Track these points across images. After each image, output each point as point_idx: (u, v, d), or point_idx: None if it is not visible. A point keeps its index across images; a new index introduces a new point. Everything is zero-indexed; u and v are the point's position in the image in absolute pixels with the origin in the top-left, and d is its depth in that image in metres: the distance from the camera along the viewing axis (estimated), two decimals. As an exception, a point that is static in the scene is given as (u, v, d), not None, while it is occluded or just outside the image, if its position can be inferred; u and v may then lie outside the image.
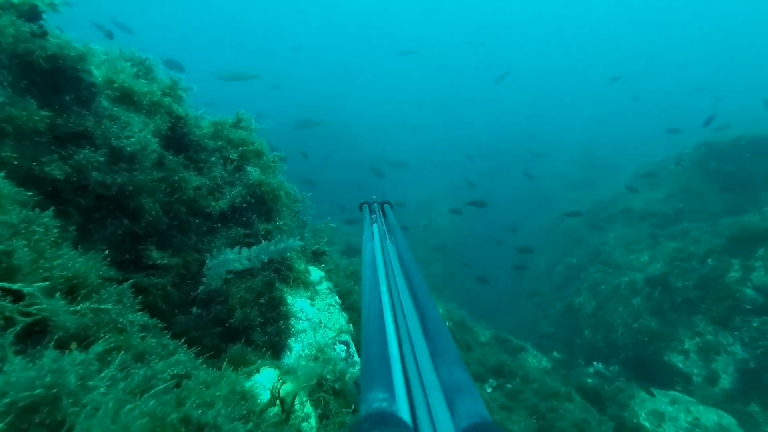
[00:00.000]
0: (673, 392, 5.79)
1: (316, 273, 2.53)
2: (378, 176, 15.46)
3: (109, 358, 1.07)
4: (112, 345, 1.15)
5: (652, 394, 5.59)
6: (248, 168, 2.41)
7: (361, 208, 2.68)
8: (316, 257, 2.74)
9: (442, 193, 20.62)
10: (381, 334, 1.11)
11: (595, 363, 7.46)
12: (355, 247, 11.32)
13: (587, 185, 18.33)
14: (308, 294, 2.39)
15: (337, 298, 2.53)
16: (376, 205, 2.64)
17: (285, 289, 2.32)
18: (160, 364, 1.13)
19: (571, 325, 9.73)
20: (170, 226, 1.93)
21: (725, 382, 5.62)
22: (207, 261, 1.96)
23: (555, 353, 8.66)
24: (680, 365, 6.18)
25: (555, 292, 11.61)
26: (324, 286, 2.48)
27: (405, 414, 0.83)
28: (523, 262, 12.95)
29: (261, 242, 2.38)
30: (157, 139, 1.81)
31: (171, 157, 1.92)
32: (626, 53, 38.36)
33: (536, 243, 15.40)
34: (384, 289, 1.41)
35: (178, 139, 2.11)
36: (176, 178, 1.91)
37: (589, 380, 6.86)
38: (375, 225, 2.28)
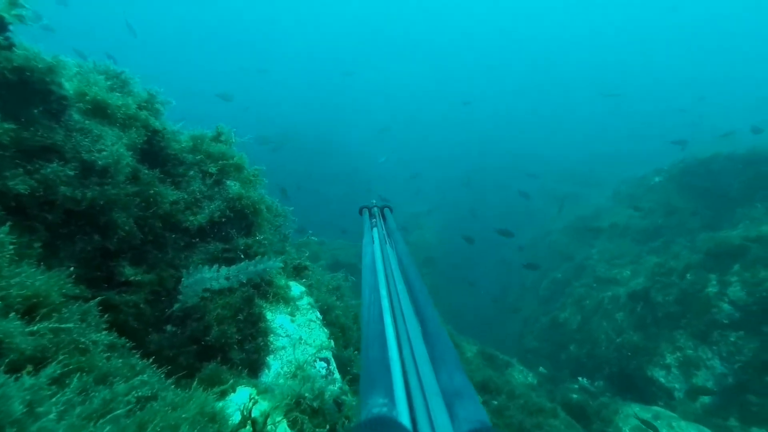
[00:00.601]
0: (655, 407, 5.82)
1: (297, 288, 2.50)
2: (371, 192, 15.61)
3: (68, 381, 1.03)
4: (72, 367, 1.10)
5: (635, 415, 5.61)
6: (228, 182, 2.39)
7: (361, 213, 2.68)
8: (298, 272, 2.70)
9: (427, 208, 20.77)
10: (381, 338, 1.10)
11: (580, 378, 7.47)
12: (343, 261, 11.26)
13: (571, 200, 18.72)
14: (288, 309, 2.35)
15: (318, 313, 2.49)
16: (376, 209, 2.64)
17: (264, 305, 2.28)
18: (122, 386, 1.09)
19: (556, 339, 9.76)
20: (145, 241, 1.88)
21: (705, 396, 5.68)
22: (183, 278, 1.92)
23: (541, 368, 8.65)
24: (662, 380, 6.24)
25: (541, 307, 11.67)
26: (305, 302, 2.45)
27: (405, 419, 0.82)
28: (512, 276, 13.04)
29: (240, 257, 2.35)
30: (131, 153, 1.79)
31: (146, 171, 1.89)
32: (613, 71, 39.75)
33: (523, 257, 15.56)
34: (384, 293, 1.40)
35: (155, 153, 2.09)
36: (151, 192, 1.88)
37: (575, 396, 6.85)
38: (375, 229, 2.28)
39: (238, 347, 2.04)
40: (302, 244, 3.38)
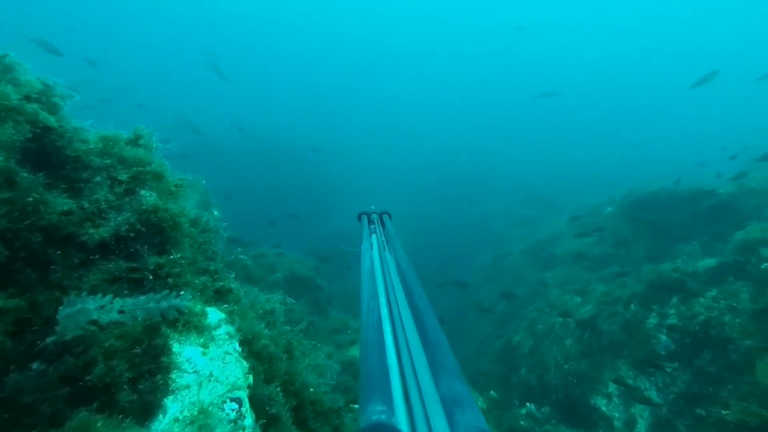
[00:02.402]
0: (597, 436, 5.91)
1: (214, 315, 2.23)
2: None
3: None
4: None
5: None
6: (143, 192, 2.11)
7: (359, 219, 2.69)
8: (220, 296, 2.43)
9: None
10: (379, 345, 1.10)
11: (528, 404, 7.50)
12: (300, 274, 10.86)
13: (531, 223, 19.37)
14: (201, 340, 2.08)
15: (237, 344, 2.23)
16: (374, 215, 2.66)
17: (172, 335, 1.99)
18: None
19: (509, 363, 9.84)
20: (13, 258, 1.57)
21: (641, 427, 5.82)
22: (61, 307, 1.61)
23: (492, 392, 8.64)
24: (604, 408, 6.36)
25: (496, 329, 11.79)
26: (222, 331, 2.18)
27: (404, 426, 0.83)
28: (466, 296, 13.13)
29: (149, 278, 2.06)
30: (5, 153, 1.49)
31: (26, 175, 1.59)
32: (584, 98, 42.15)
33: (481, 277, 15.77)
34: (383, 300, 1.39)
35: (48, 154, 1.79)
36: (30, 199, 1.58)
37: (522, 422, 6.85)
38: (374, 236, 2.27)
39: (130, 387, 1.74)
40: (233, 262, 3.12)
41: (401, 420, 0.84)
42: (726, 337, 5.64)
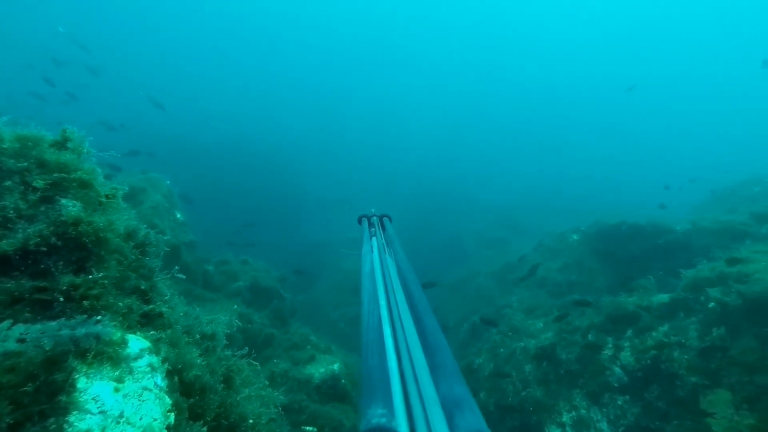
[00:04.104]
0: (549, 468, 5.88)
1: (137, 344, 1.99)
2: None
3: None
4: None
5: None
6: (64, 201, 1.88)
7: (360, 222, 2.69)
8: (149, 320, 2.19)
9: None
10: (380, 348, 1.10)
11: (484, 430, 7.43)
12: (263, 284, 10.46)
13: (500, 245, 19.72)
14: (116, 374, 1.84)
15: (160, 378, 1.99)
16: (375, 218, 2.65)
17: (80, 368, 1.75)
18: None
19: (470, 385, 9.76)
20: None
21: (593, 460, 5.85)
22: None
23: (450, 416, 8.53)
24: (557, 439, 6.37)
25: (460, 350, 11.76)
26: (144, 362, 1.95)
27: (404, 429, 0.82)
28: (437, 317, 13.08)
29: (59, 300, 1.81)
30: None
31: None
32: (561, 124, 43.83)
33: (448, 297, 15.80)
34: (383, 302, 1.40)
35: (-58, 152, 1.54)
36: None
37: (477, 450, 6.76)
38: (374, 239, 2.29)
39: (12, 434, 1.49)
40: (193, 269, 2.87)
41: (401, 423, 0.83)
42: (674, 372, 5.80)
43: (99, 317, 1.72)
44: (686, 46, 44.26)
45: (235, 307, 8.55)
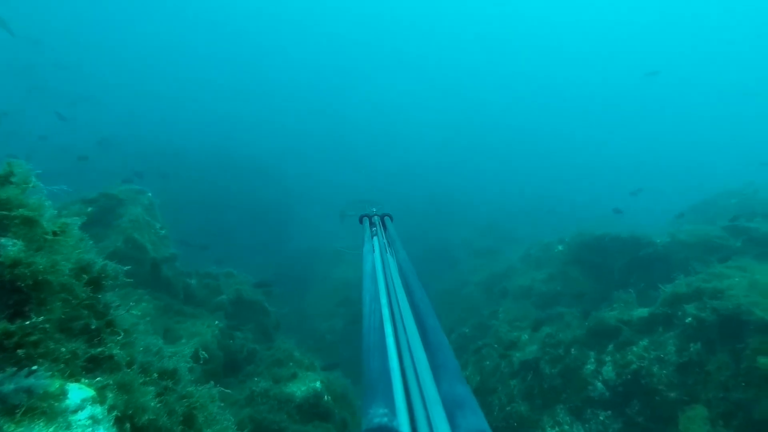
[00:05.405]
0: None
1: (77, 394, 1.90)
2: None
3: None
4: None
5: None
6: (2, 240, 1.80)
7: (361, 221, 2.68)
8: (97, 364, 2.10)
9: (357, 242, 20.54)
10: (381, 347, 1.11)
11: (468, 447, 7.36)
12: (246, 298, 10.30)
13: (489, 254, 19.79)
14: (51, 429, 1.75)
15: (105, 429, 1.90)
16: (376, 218, 2.64)
17: (8, 427, 1.65)
18: None
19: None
20: None
21: (574, 478, 5.82)
22: None
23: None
24: (540, 456, 6.33)
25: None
26: (84, 415, 1.85)
27: (405, 429, 0.83)
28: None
29: (-6, 348, 1.72)
30: None
31: None
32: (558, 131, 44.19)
33: (437, 306, 15.72)
34: (384, 301, 1.40)
35: None
36: None
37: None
38: (375, 238, 2.25)
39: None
40: (174, 283, 2.77)
41: (403, 422, 0.84)
42: (654, 387, 5.83)
43: (34, 367, 1.64)
44: (671, 53, 45.36)
45: (217, 322, 8.40)
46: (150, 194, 10.42)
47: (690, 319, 5.77)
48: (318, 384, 7.11)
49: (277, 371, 7.68)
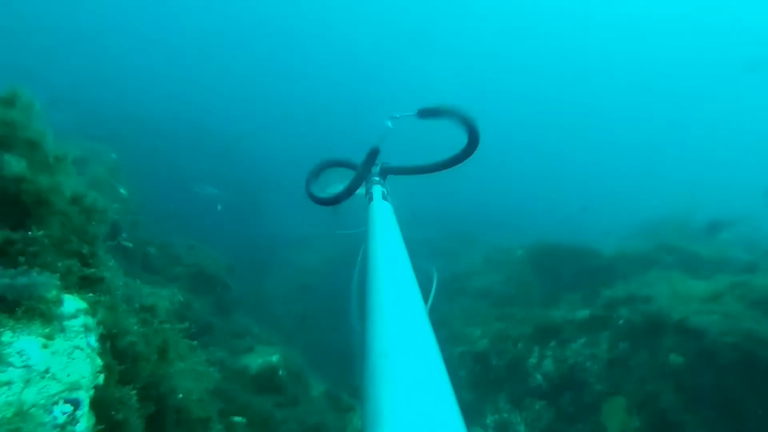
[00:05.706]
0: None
1: (72, 303, 2.02)
2: None
3: None
4: None
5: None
6: (6, 157, 1.88)
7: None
8: (89, 283, 2.21)
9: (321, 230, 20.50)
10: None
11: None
12: (209, 272, 10.16)
13: (450, 255, 20.43)
14: (47, 331, 1.87)
15: (94, 339, 2.04)
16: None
17: (6, 322, 1.76)
18: None
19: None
20: None
21: (509, 458, 6.35)
22: None
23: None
24: (480, 439, 6.83)
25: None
26: (78, 322, 1.98)
27: None
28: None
29: (-8, 254, 1.81)
30: None
31: None
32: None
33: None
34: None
35: None
36: None
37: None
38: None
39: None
40: (133, 250, 2.87)
41: None
42: (585, 380, 6.47)
43: (35, 269, 1.75)
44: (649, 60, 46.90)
45: (176, 290, 8.28)
46: (114, 156, 10.04)
47: (622, 320, 6.47)
48: (274, 358, 7.23)
49: (234, 342, 7.72)
